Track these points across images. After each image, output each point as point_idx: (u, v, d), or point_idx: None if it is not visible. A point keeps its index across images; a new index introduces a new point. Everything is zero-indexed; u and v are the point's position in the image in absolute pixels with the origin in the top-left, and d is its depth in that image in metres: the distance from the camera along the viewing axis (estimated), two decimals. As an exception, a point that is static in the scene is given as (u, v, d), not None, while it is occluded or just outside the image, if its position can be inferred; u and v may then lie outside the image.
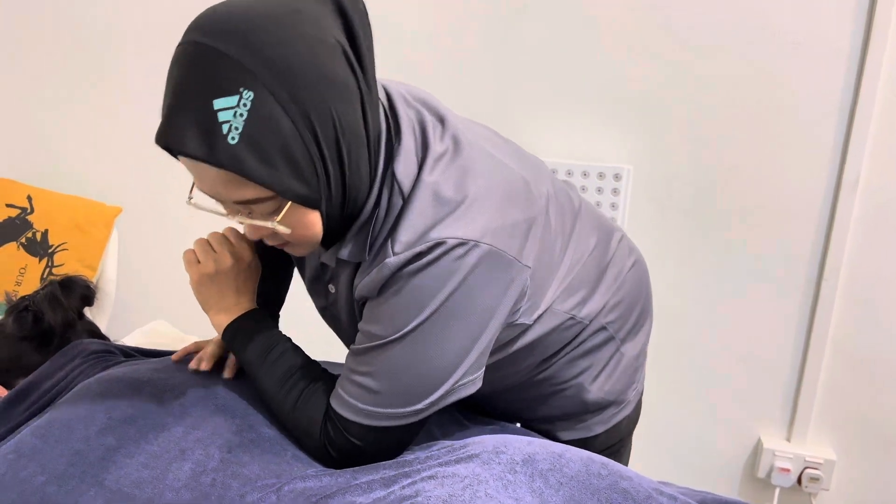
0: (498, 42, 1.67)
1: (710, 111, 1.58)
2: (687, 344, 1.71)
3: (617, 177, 1.59)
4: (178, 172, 1.97)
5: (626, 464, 1.16)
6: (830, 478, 1.67)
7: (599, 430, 1.06)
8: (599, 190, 1.60)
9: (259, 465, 0.81)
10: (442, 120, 0.85)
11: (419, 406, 0.81)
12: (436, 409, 0.83)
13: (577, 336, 0.98)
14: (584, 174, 1.61)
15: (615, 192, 1.59)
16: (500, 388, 1.01)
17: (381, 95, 0.84)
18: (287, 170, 0.71)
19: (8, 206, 1.92)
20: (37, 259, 1.88)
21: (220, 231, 0.98)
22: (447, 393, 0.82)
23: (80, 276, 1.13)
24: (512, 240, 0.81)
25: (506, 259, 0.80)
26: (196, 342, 1.07)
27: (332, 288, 0.92)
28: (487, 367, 0.92)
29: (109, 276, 1.94)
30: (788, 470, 1.67)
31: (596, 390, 1.02)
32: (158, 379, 0.92)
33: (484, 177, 0.81)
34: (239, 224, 0.81)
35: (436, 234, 0.76)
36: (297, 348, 0.93)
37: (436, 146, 0.81)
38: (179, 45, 0.71)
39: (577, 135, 1.67)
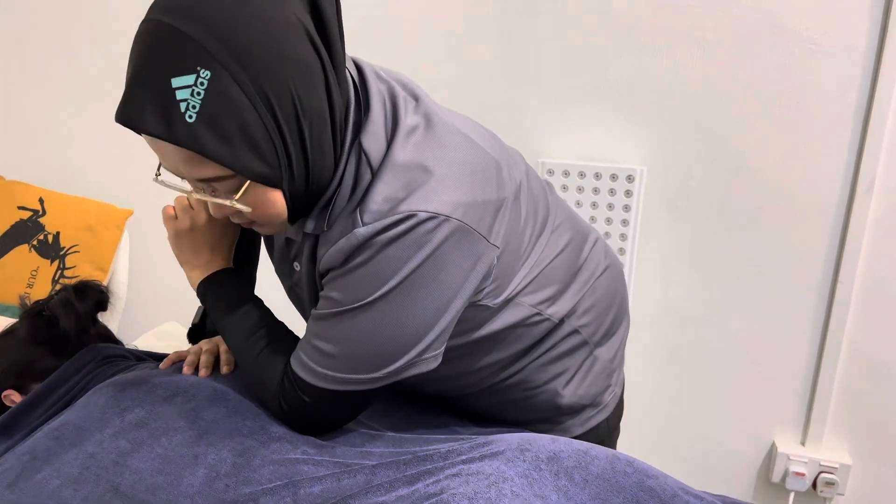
0: (509, 41, 1.67)
1: (725, 112, 1.57)
2: (701, 347, 1.70)
3: (630, 178, 1.58)
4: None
5: None
6: (846, 482, 1.66)
7: (577, 431, 1.06)
8: (612, 192, 1.60)
9: (269, 469, 0.80)
10: (416, 97, 0.85)
11: (375, 375, 0.82)
12: (392, 380, 0.83)
13: (547, 337, 0.98)
14: (597, 176, 1.60)
15: (628, 193, 1.59)
16: (476, 391, 1.01)
17: (353, 70, 0.84)
18: (246, 148, 0.71)
19: (20, 208, 1.92)
20: (48, 261, 1.88)
21: None
22: (405, 366, 0.83)
23: (94, 280, 1.13)
24: (482, 217, 0.81)
25: (475, 236, 0.80)
26: (178, 352, 1.07)
27: (296, 266, 0.92)
28: (461, 367, 0.94)
29: (120, 278, 1.93)
30: (803, 474, 1.65)
31: (569, 395, 1.02)
32: (170, 382, 0.92)
33: (455, 153, 0.81)
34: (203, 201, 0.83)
35: (406, 207, 0.76)
36: (265, 308, 0.96)
37: (407, 120, 0.81)
38: (142, 22, 0.72)
39: (588, 136, 1.66)
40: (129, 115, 0.71)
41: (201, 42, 0.68)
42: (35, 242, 1.89)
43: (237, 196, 0.75)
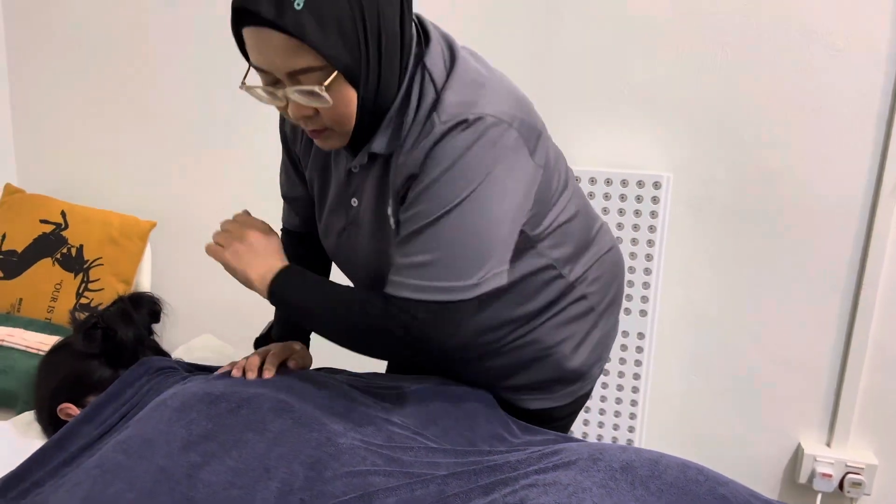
0: (534, 47, 1.68)
1: (750, 117, 1.59)
2: (727, 349, 1.72)
3: (656, 185, 1.59)
4: (210, 187, 1.98)
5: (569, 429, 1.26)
6: (872, 482, 1.67)
7: (564, 401, 1.15)
8: (639, 198, 1.61)
9: (342, 482, 0.80)
10: (461, 46, 0.98)
11: (468, 282, 0.89)
12: (481, 291, 0.90)
13: (560, 298, 1.07)
14: (623, 183, 1.61)
15: (654, 200, 1.60)
16: (493, 349, 1.07)
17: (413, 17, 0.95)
18: (339, 40, 0.82)
19: (42, 221, 1.92)
20: (72, 274, 1.88)
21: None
22: (488, 276, 0.90)
23: (147, 292, 1.13)
24: (530, 136, 0.92)
25: (526, 151, 0.91)
26: (234, 363, 1.08)
27: (354, 201, 1.00)
28: (484, 319, 1.02)
29: (143, 289, 1.94)
30: (830, 475, 1.67)
31: (576, 359, 1.11)
32: (232, 393, 0.93)
33: (505, 82, 0.94)
34: (283, 101, 0.88)
35: (478, 110, 0.87)
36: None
37: (462, 53, 0.94)
38: None
39: (615, 142, 1.68)
40: (248, 1, 0.80)
41: None
42: (58, 256, 1.89)
43: (326, 82, 0.83)
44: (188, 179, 2.00)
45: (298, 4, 0.79)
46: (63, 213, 1.92)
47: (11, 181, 2.09)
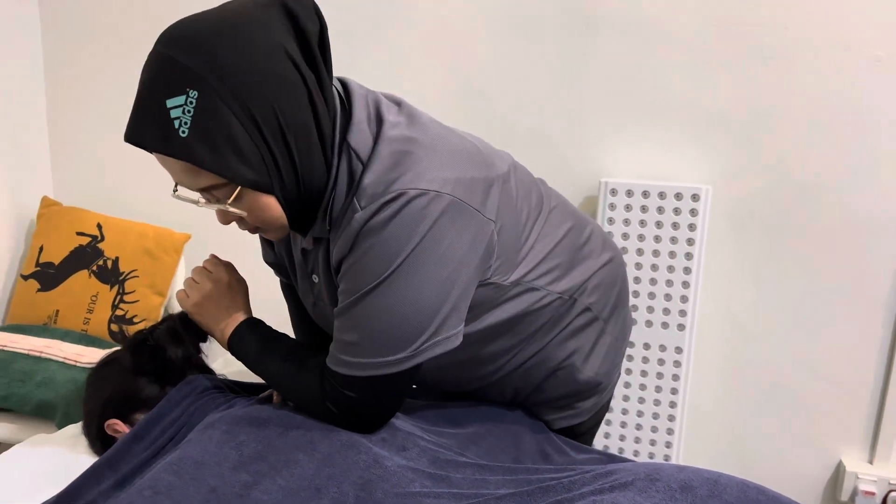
0: (571, 60, 1.67)
1: (790, 128, 1.57)
2: (767, 364, 1.69)
3: (695, 197, 1.58)
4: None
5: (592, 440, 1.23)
6: (917, 500, 1.64)
7: (586, 417, 1.13)
8: (677, 211, 1.59)
9: (393, 502, 0.80)
10: (398, 103, 0.94)
11: (401, 355, 0.86)
12: (419, 360, 0.87)
13: (563, 315, 1.04)
14: (661, 195, 1.60)
15: (693, 212, 1.59)
16: (502, 376, 1.06)
17: (338, 85, 0.92)
18: (234, 158, 0.79)
19: (78, 234, 1.94)
20: (108, 286, 1.90)
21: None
22: (428, 343, 0.87)
23: None
24: (473, 193, 0.88)
25: (468, 210, 0.86)
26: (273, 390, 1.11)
27: (315, 278, 0.99)
28: (485, 352, 0.99)
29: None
30: (873, 493, 1.64)
31: (587, 370, 1.08)
32: (280, 416, 0.94)
33: (439, 139, 0.89)
34: (214, 210, 0.89)
35: (397, 187, 0.83)
36: (290, 338, 1.02)
37: (390, 117, 0.89)
38: (149, 55, 0.81)
39: (653, 155, 1.66)
40: (133, 134, 0.80)
41: (190, 66, 0.77)
42: (94, 268, 1.91)
43: (230, 200, 0.83)
44: (222, 192, 2.01)
45: (183, 132, 0.77)
46: (99, 226, 1.94)
47: (48, 194, 2.12)
